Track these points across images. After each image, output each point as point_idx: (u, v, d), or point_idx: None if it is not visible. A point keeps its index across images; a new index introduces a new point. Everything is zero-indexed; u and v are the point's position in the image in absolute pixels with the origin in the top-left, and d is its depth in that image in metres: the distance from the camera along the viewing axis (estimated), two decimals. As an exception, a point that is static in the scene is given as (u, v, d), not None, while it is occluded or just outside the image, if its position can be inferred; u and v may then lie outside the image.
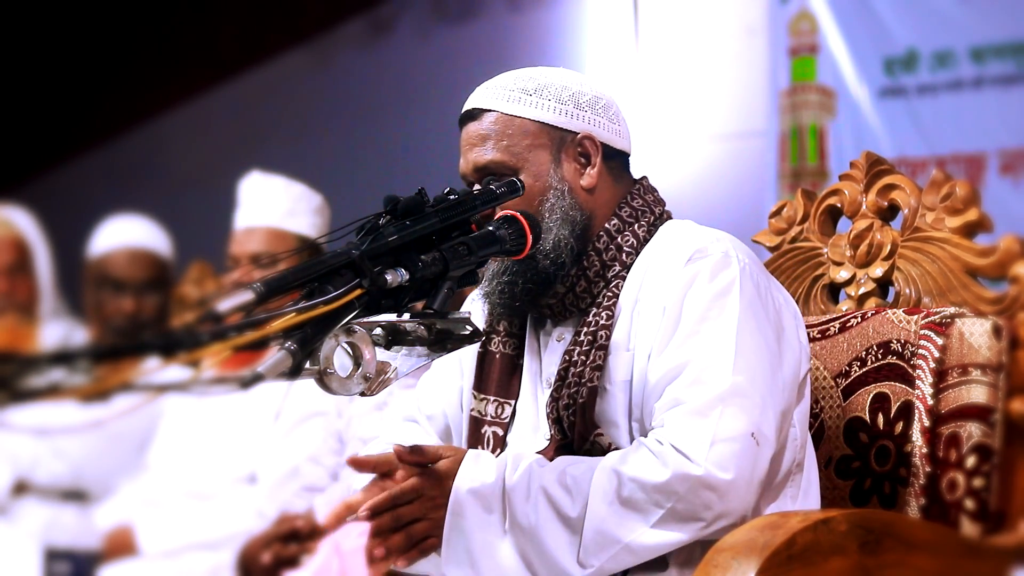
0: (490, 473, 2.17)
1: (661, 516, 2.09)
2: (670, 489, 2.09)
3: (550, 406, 2.27)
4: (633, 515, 2.11)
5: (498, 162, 2.29)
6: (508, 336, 2.38)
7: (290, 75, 6.96)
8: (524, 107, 2.31)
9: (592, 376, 2.23)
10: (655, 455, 2.12)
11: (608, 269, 2.30)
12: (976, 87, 5.04)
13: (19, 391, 1.57)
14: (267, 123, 6.91)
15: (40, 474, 4.02)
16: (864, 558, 2.03)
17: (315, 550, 3.26)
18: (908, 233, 2.50)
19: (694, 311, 2.20)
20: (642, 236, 2.32)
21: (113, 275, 4.13)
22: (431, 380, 2.49)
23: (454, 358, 2.40)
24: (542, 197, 2.29)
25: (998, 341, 2.29)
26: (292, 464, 3.55)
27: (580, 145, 2.32)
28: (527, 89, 2.32)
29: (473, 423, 2.37)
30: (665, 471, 2.09)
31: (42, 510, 3.95)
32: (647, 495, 2.10)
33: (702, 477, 2.08)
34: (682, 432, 2.12)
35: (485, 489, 2.16)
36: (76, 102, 7.25)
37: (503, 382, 2.36)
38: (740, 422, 2.12)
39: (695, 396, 2.14)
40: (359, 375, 1.95)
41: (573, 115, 2.33)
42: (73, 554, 3.50)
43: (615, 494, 2.11)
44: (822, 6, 5.36)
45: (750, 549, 1.96)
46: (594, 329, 2.27)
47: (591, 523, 2.11)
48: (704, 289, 2.21)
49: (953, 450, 2.28)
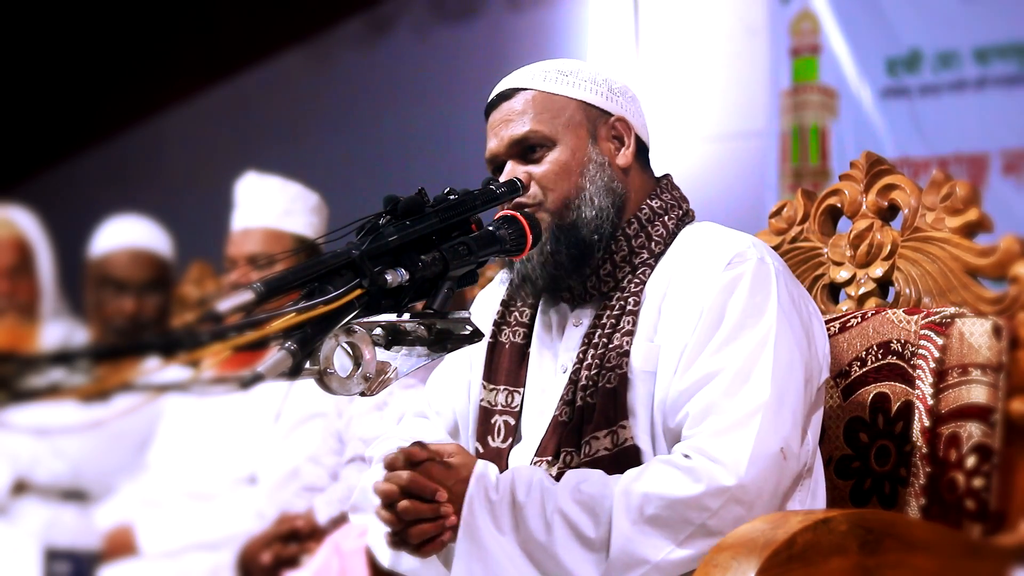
0: (500, 486, 2.15)
1: (691, 533, 2.08)
2: (702, 505, 2.08)
3: (567, 389, 2.26)
4: (660, 533, 2.09)
5: (536, 132, 2.31)
6: (518, 325, 2.38)
7: (290, 75, 6.96)
8: (561, 86, 2.34)
9: (620, 362, 2.23)
10: (682, 470, 2.10)
11: (636, 256, 2.30)
12: (979, 87, 5.03)
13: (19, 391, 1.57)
14: (267, 123, 6.91)
15: (40, 474, 4.02)
16: (864, 558, 2.03)
17: (315, 550, 3.26)
18: (908, 233, 2.50)
19: (733, 317, 2.20)
20: (671, 229, 2.33)
21: (114, 275, 4.13)
22: (440, 376, 2.49)
23: (463, 353, 2.40)
24: (582, 168, 2.31)
25: (998, 341, 2.29)
26: (292, 465, 3.55)
27: (614, 127, 2.36)
28: (562, 71, 2.35)
29: (483, 413, 2.37)
30: (697, 486, 2.08)
31: (42, 510, 3.95)
32: (676, 512, 2.08)
33: (734, 492, 2.08)
34: (718, 443, 2.10)
35: (496, 502, 2.14)
36: (76, 102, 7.25)
37: (513, 371, 2.36)
38: (773, 437, 2.12)
39: (732, 407, 2.13)
40: (359, 375, 1.95)
41: (608, 97, 2.36)
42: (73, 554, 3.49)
43: (639, 512, 2.09)
44: (824, 6, 5.35)
45: (750, 549, 1.96)
46: (618, 314, 2.27)
47: (617, 543, 2.09)
48: (744, 296, 2.21)
49: (953, 450, 2.28)
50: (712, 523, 2.07)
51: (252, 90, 7.01)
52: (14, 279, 4.22)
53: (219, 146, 6.89)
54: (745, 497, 2.08)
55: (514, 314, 2.40)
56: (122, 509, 3.78)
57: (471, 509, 2.14)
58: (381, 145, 6.51)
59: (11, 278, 4.21)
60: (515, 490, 2.15)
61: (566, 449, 2.25)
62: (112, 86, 7.19)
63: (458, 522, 2.14)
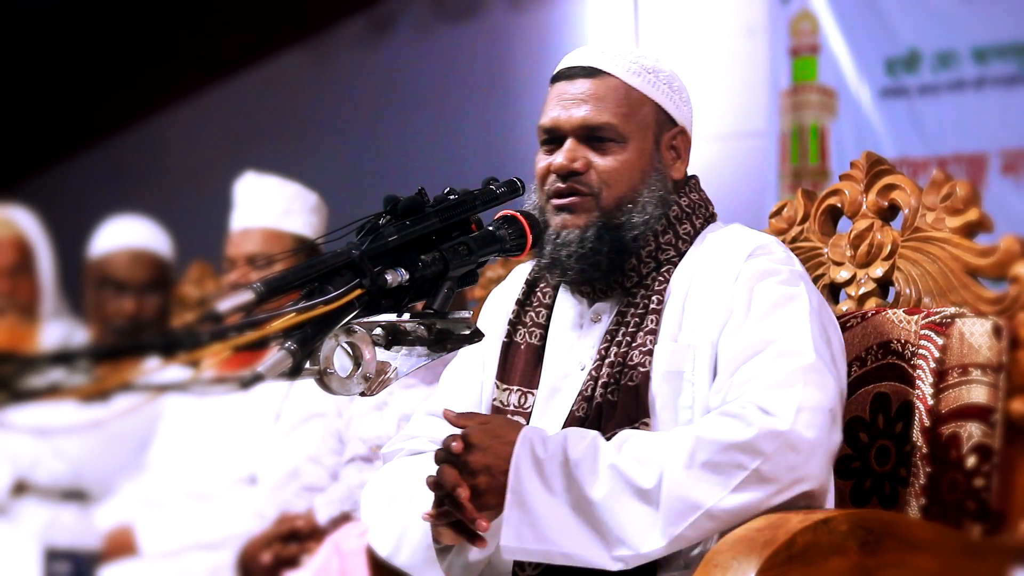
0: (550, 445, 2.11)
1: (744, 478, 2.04)
2: (755, 448, 2.04)
3: (587, 385, 2.25)
4: (714, 478, 2.04)
5: (612, 125, 2.29)
6: (535, 326, 2.37)
7: (290, 74, 6.96)
8: (644, 83, 2.32)
9: (644, 360, 2.21)
10: (735, 416, 2.07)
11: (662, 252, 2.30)
12: (978, 87, 5.03)
13: (19, 391, 1.57)
14: (267, 122, 6.91)
15: (40, 474, 4.02)
16: (864, 558, 2.03)
17: (315, 550, 3.26)
18: (908, 233, 2.50)
19: (766, 299, 2.19)
20: (698, 227, 2.33)
21: (114, 276, 4.13)
22: (452, 374, 2.48)
23: (476, 352, 2.40)
24: (643, 173, 2.30)
25: (998, 341, 2.29)
26: (292, 465, 3.55)
27: (676, 138, 2.35)
28: (646, 66, 2.32)
29: (495, 413, 2.35)
30: (749, 429, 2.04)
31: (42, 510, 3.95)
32: (729, 456, 2.04)
33: (788, 436, 2.04)
34: (766, 396, 2.08)
35: (546, 460, 2.09)
36: (76, 101, 7.25)
37: (527, 372, 2.35)
38: (821, 395, 2.10)
39: (777, 368, 2.11)
40: (359, 375, 1.95)
41: (678, 106, 2.36)
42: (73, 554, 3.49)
43: (691, 458, 2.05)
44: (823, 6, 5.35)
45: (750, 549, 1.96)
46: (642, 312, 2.26)
47: (669, 489, 2.05)
48: (773, 280, 2.21)
49: (953, 450, 2.28)
50: (766, 469, 2.03)
51: (252, 90, 7.01)
52: (14, 279, 4.22)
53: (219, 145, 6.89)
54: (801, 446, 2.04)
55: (529, 314, 2.39)
56: (122, 509, 3.78)
57: (517, 474, 2.09)
58: (381, 145, 6.51)
59: (11, 278, 4.21)
60: (567, 447, 2.10)
61: None
62: (112, 86, 7.19)
63: (495, 501, 2.09)
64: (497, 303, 2.47)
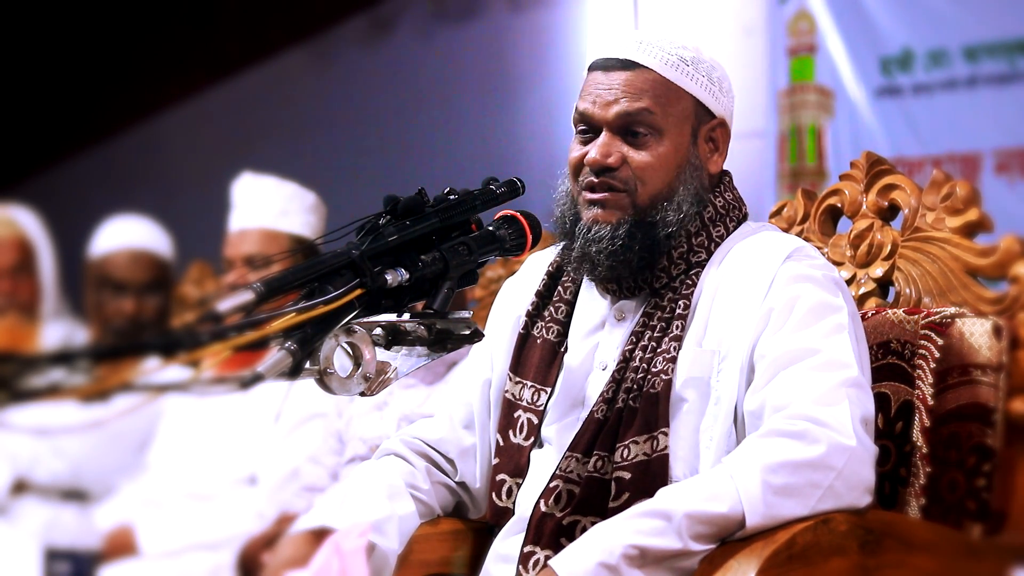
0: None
1: (820, 496, 2.00)
2: (827, 464, 2.00)
3: (609, 387, 2.22)
4: (792, 503, 2.00)
5: (647, 120, 2.25)
6: (553, 322, 2.35)
7: (290, 74, 6.97)
8: (681, 76, 2.27)
9: (667, 368, 2.18)
10: (795, 436, 2.03)
11: (694, 254, 2.27)
12: (970, 86, 5.04)
13: (19, 391, 1.57)
14: (267, 122, 6.91)
15: (40, 474, 4.02)
16: (864, 558, 2.03)
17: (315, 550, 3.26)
18: (908, 233, 2.50)
19: (806, 304, 2.16)
20: (731, 229, 2.31)
21: (114, 276, 4.13)
22: (463, 370, 2.48)
23: (485, 350, 2.39)
24: (680, 168, 2.27)
25: (998, 341, 2.29)
26: (292, 465, 3.55)
27: (714, 130, 2.31)
28: (684, 58, 2.28)
29: (507, 405, 2.34)
30: (817, 447, 2.01)
31: (42, 510, 3.95)
32: (802, 476, 2.00)
33: (856, 451, 2.02)
34: (820, 411, 2.04)
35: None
36: (76, 101, 7.25)
37: (542, 369, 2.32)
38: (869, 408, 2.10)
39: (823, 381, 2.08)
40: (359, 375, 1.95)
41: (717, 98, 2.31)
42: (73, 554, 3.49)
43: (766, 486, 1.99)
44: (820, 6, 5.36)
45: (750, 549, 1.96)
46: (669, 316, 2.23)
47: (754, 523, 1.98)
48: (812, 285, 2.18)
49: (953, 450, 2.28)
50: (838, 484, 2.00)
51: (252, 90, 7.02)
52: (15, 278, 4.22)
53: (219, 145, 6.89)
54: (866, 458, 2.03)
55: (549, 308, 2.36)
56: (122, 509, 3.78)
57: None
58: (381, 145, 6.51)
59: (12, 277, 4.21)
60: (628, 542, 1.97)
61: (599, 453, 2.19)
62: (112, 86, 7.20)
63: None
64: (514, 293, 2.45)
